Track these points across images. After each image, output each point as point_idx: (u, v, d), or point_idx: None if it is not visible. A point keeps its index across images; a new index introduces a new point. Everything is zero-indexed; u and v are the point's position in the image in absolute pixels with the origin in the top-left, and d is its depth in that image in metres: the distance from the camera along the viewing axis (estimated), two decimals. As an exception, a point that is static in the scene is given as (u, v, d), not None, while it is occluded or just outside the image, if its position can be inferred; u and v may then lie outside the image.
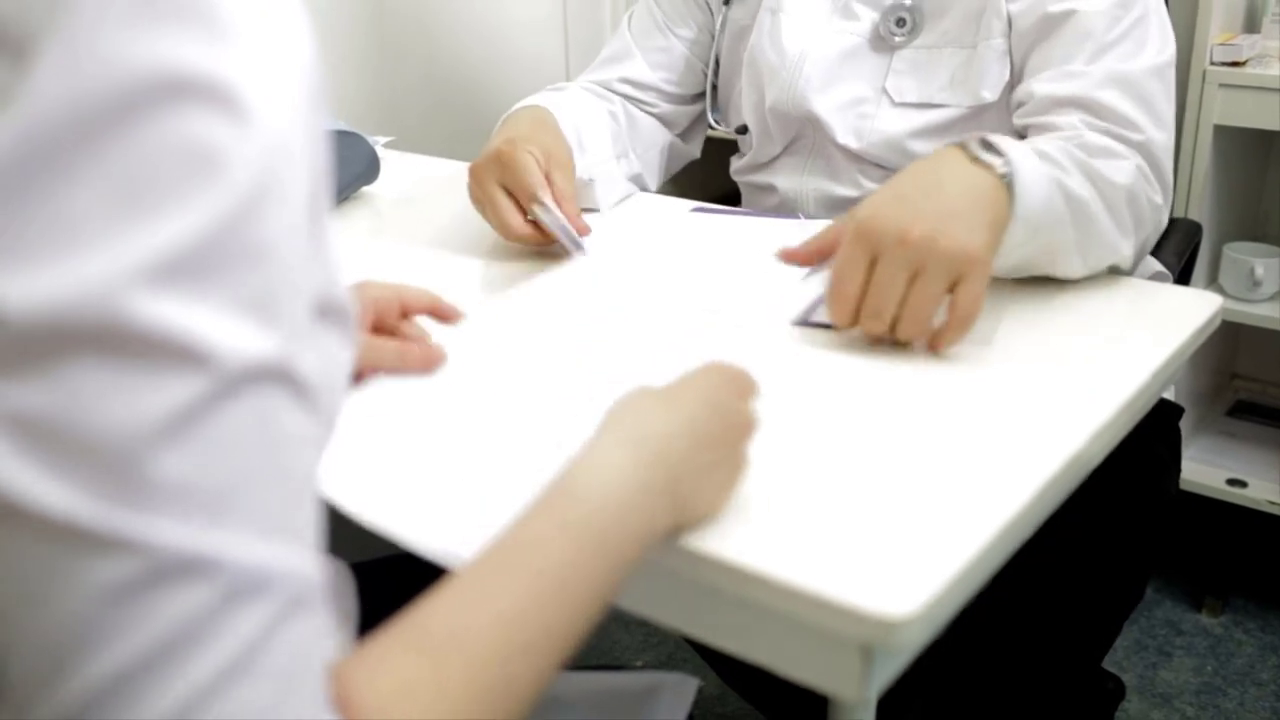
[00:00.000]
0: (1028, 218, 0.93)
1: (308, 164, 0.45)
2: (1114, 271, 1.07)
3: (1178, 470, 1.27)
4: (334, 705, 0.44)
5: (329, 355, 0.50)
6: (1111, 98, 1.10)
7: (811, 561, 0.65)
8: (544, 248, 1.15)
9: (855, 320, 0.90)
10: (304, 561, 0.44)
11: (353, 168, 1.37)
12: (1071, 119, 1.10)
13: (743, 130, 1.38)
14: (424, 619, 0.50)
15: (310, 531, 0.45)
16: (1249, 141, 1.92)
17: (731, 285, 1.07)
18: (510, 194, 1.13)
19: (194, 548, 0.40)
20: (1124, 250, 1.05)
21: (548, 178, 1.13)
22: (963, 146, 0.93)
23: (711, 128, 1.45)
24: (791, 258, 1.00)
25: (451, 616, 0.50)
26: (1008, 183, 0.92)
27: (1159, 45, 1.14)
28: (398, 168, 1.49)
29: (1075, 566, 1.08)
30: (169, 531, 0.40)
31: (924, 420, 0.82)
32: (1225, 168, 1.89)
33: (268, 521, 0.42)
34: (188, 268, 0.40)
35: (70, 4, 0.39)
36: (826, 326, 0.95)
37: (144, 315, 0.39)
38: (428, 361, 0.89)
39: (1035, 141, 1.02)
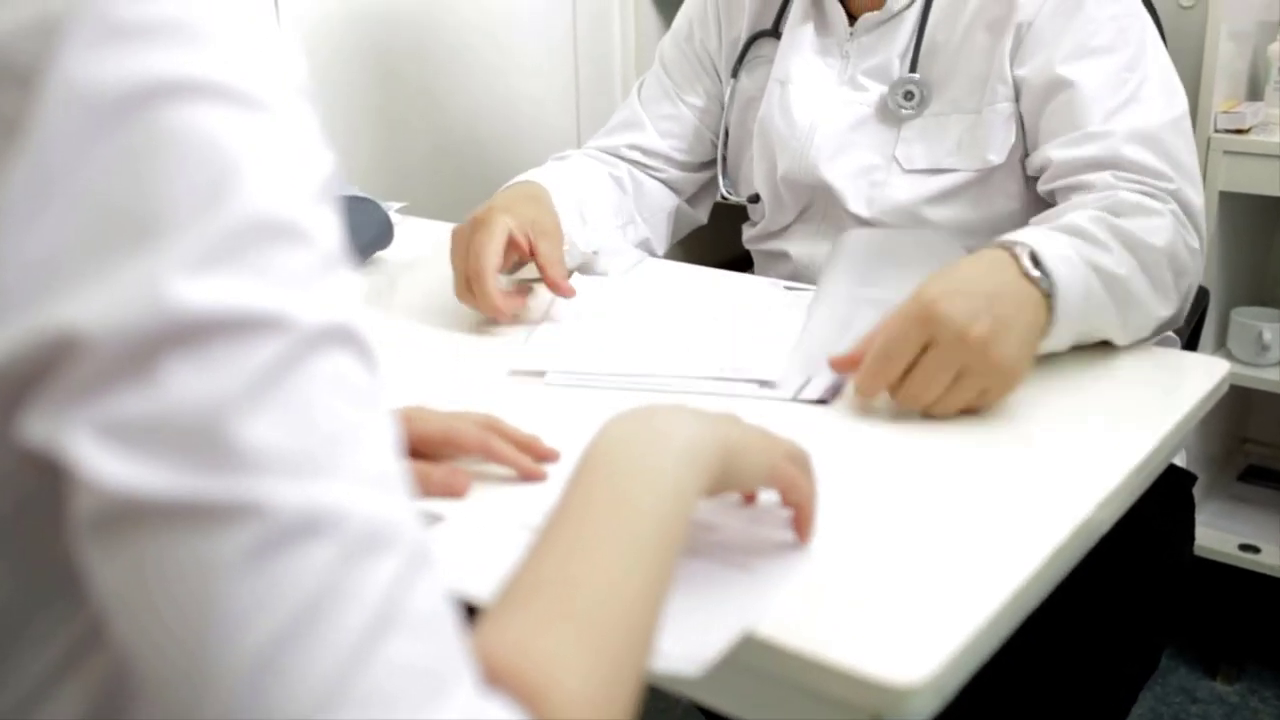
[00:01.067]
0: (1069, 321, 0.96)
1: (315, 148, 0.46)
2: (1160, 330, 1.09)
3: (1191, 539, 1.26)
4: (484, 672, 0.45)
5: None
6: (1136, 153, 1.11)
7: (820, 630, 0.65)
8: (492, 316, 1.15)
9: (877, 391, 0.92)
10: (415, 517, 0.44)
11: (367, 233, 1.38)
12: (1102, 177, 1.11)
13: (754, 199, 1.40)
14: (551, 584, 0.51)
15: (409, 492, 0.45)
16: (1255, 207, 1.94)
17: (734, 353, 1.06)
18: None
19: (309, 503, 0.40)
20: (1165, 312, 1.07)
21: (532, 248, 1.16)
22: (1013, 256, 0.95)
23: (724, 198, 1.46)
24: (844, 366, 0.96)
25: (580, 583, 0.51)
26: (1050, 295, 0.94)
27: (1169, 99, 1.16)
28: (411, 233, 1.50)
29: (1089, 635, 1.08)
30: (280, 490, 0.40)
31: (932, 487, 0.82)
32: (1232, 233, 1.90)
33: (372, 475, 0.43)
34: (229, 251, 0.41)
35: (63, 32, 0.41)
36: (820, 402, 0.96)
37: (199, 300, 0.40)
38: (448, 488, 0.81)
39: (1072, 216, 1.03)
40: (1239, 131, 1.81)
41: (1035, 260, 0.94)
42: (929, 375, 0.90)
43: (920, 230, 1.25)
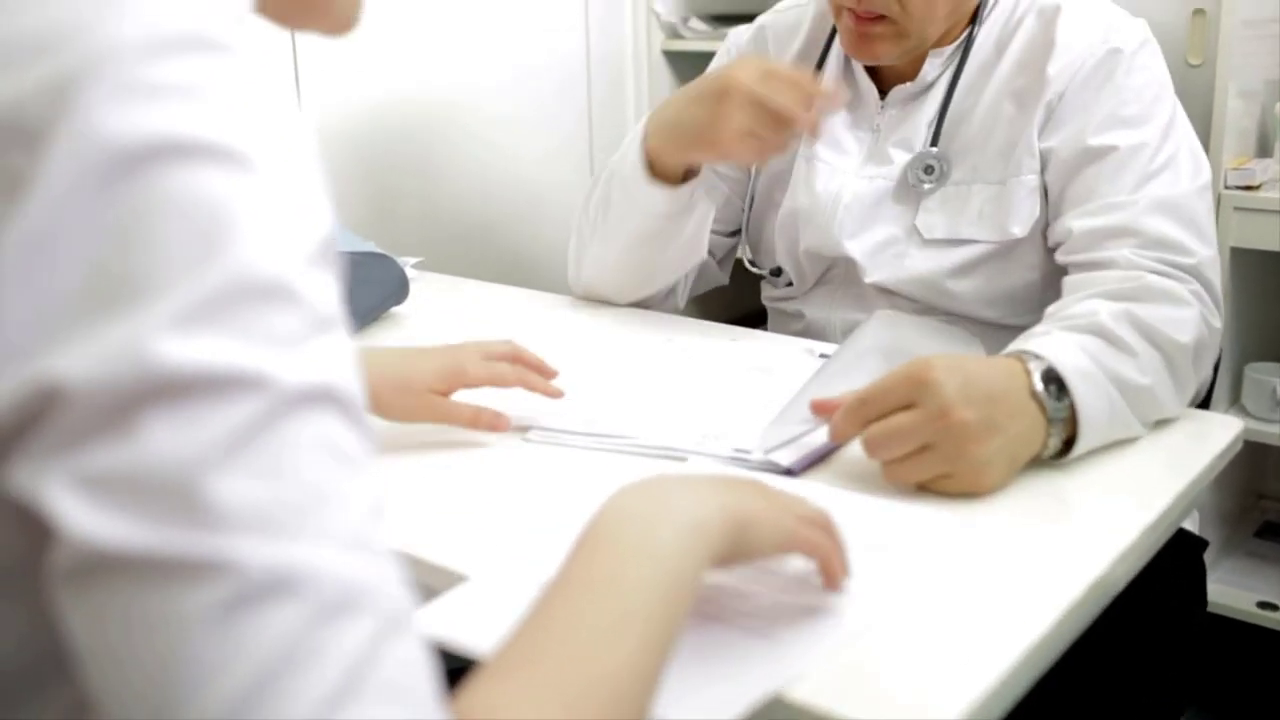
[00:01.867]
0: (1092, 437, 0.94)
1: (314, 208, 0.46)
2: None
3: (1203, 603, 1.25)
4: None
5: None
6: (1159, 224, 1.10)
7: (834, 690, 0.65)
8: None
9: (847, 435, 0.91)
10: (394, 580, 0.44)
11: (383, 289, 1.40)
12: (1123, 250, 1.10)
13: (777, 273, 1.39)
14: (538, 657, 0.51)
15: (390, 555, 0.45)
16: (1266, 263, 1.94)
17: (724, 420, 1.04)
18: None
19: (279, 563, 0.41)
20: (1186, 406, 1.05)
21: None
22: (1027, 371, 0.92)
23: (749, 267, 1.44)
24: (823, 410, 0.95)
25: (568, 658, 0.51)
26: (1052, 420, 0.91)
27: (1195, 169, 1.16)
28: (427, 288, 1.52)
29: (1105, 697, 1.07)
30: (251, 550, 0.40)
31: (945, 547, 0.82)
32: (1244, 289, 1.91)
33: (348, 537, 0.43)
34: (214, 310, 0.42)
35: (76, 90, 0.42)
36: (787, 472, 0.93)
37: (180, 357, 0.41)
38: (496, 424, 1.00)
39: (1095, 309, 1.01)
40: (1249, 188, 1.83)
41: (1049, 376, 0.92)
42: (896, 431, 0.87)
43: (944, 323, 1.24)
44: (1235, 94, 1.85)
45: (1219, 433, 1.02)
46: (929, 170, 1.25)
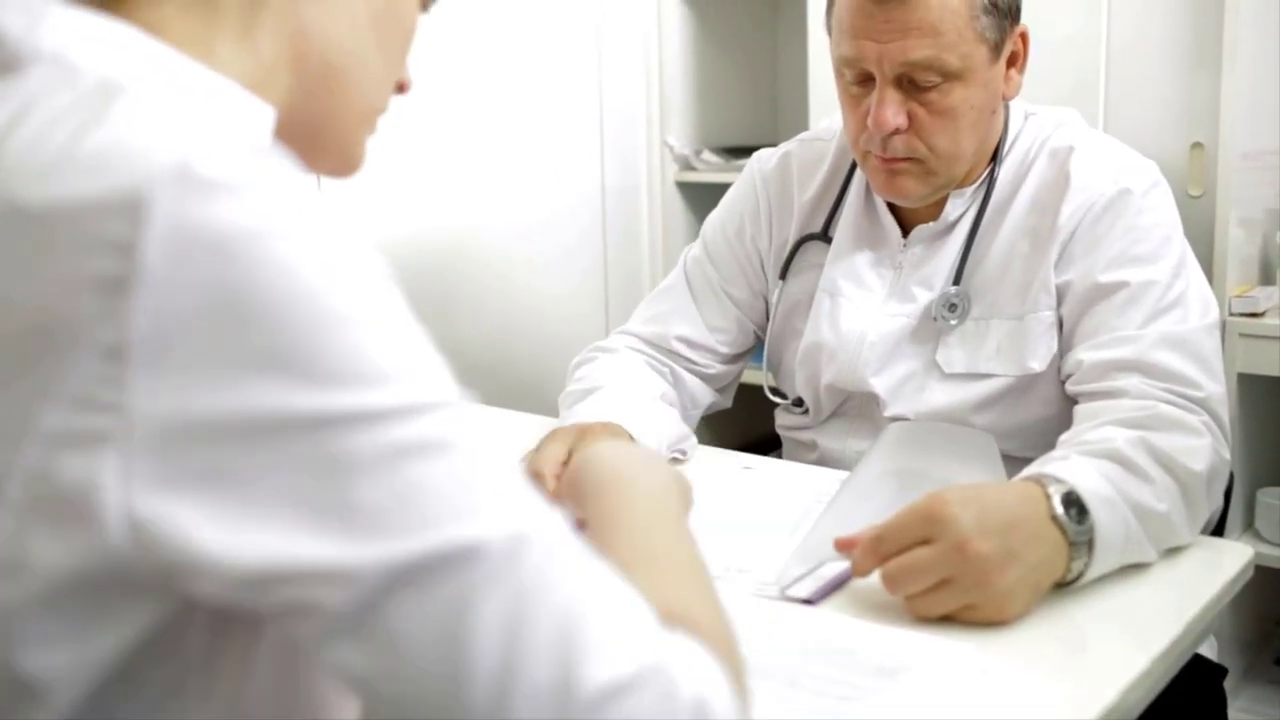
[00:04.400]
0: (1106, 560, 0.95)
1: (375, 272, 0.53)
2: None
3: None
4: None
5: None
6: (1168, 358, 1.12)
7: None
8: None
9: (867, 570, 0.91)
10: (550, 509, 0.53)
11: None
12: (1133, 380, 1.11)
13: (799, 403, 1.40)
14: (656, 557, 0.65)
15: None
16: (1273, 389, 1.96)
17: (745, 551, 1.05)
18: None
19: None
20: (1195, 532, 1.06)
21: None
22: (1047, 495, 0.94)
23: (771, 395, 1.45)
24: (844, 547, 0.95)
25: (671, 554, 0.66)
26: (1074, 543, 0.93)
27: (1204, 307, 1.18)
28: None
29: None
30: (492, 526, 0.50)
31: (958, 674, 0.83)
32: (1253, 414, 1.92)
33: (522, 503, 0.52)
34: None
35: (150, 203, 0.47)
36: (807, 602, 0.94)
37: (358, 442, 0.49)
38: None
39: (1112, 435, 1.03)
40: (1254, 315, 1.85)
41: (1069, 500, 0.94)
42: (913, 568, 0.88)
43: (961, 427, 1.25)
44: (1236, 223, 1.90)
45: (1230, 560, 1.03)
46: (953, 308, 1.27)
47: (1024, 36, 1.25)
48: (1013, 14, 1.23)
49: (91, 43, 0.55)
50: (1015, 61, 1.26)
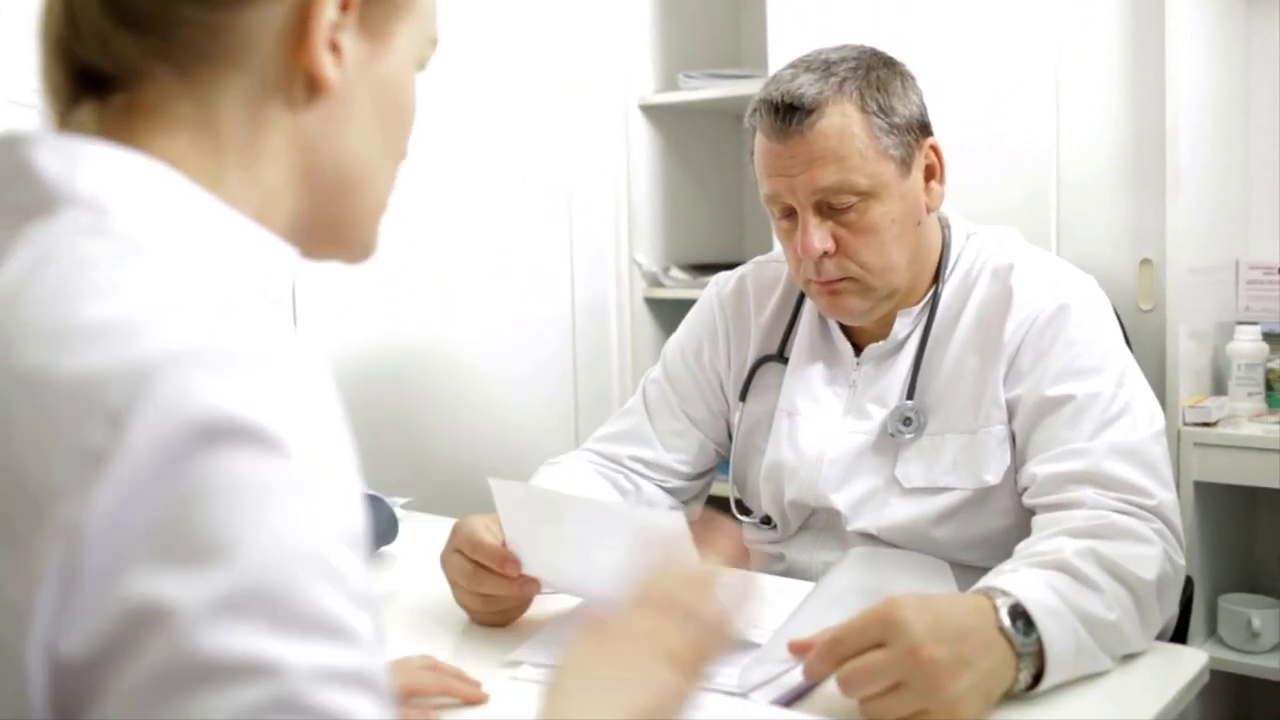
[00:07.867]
0: (1059, 672, 0.97)
1: (349, 487, 0.51)
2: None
3: None
4: None
5: None
6: (1119, 468, 1.15)
7: None
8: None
9: (821, 673, 0.93)
10: None
11: (373, 529, 1.43)
12: (1085, 493, 1.14)
13: (767, 521, 1.43)
14: None
15: None
16: (1230, 496, 2.00)
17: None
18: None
19: None
20: (1149, 639, 1.08)
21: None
22: (994, 607, 0.96)
23: (737, 513, 1.47)
24: (800, 650, 0.97)
25: None
26: (1021, 655, 0.95)
27: (1150, 415, 1.22)
28: (416, 528, 1.55)
29: None
30: None
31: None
32: (1212, 521, 1.96)
33: None
34: (252, 599, 0.46)
35: (157, 378, 0.47)
36: (797, 698, 0.96)
37: (211, 646, 0.45)
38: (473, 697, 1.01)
39: (1061, 546, 1.05)
40: (1207, 425, 1.90)
41: (1016, 612, 0.96)
42: (867, 670, 0.90)
43: (918, 554, 1.28)
44: (1186, 335, 1.95)
45: (1187, 665, 1.05)
46: (907, 422, 1.30)
47: (935, 149, 1.31)
48: (917, 129, 1.29)
49: (124, 184, 0.55)
50: (934, 174, 1.31)
